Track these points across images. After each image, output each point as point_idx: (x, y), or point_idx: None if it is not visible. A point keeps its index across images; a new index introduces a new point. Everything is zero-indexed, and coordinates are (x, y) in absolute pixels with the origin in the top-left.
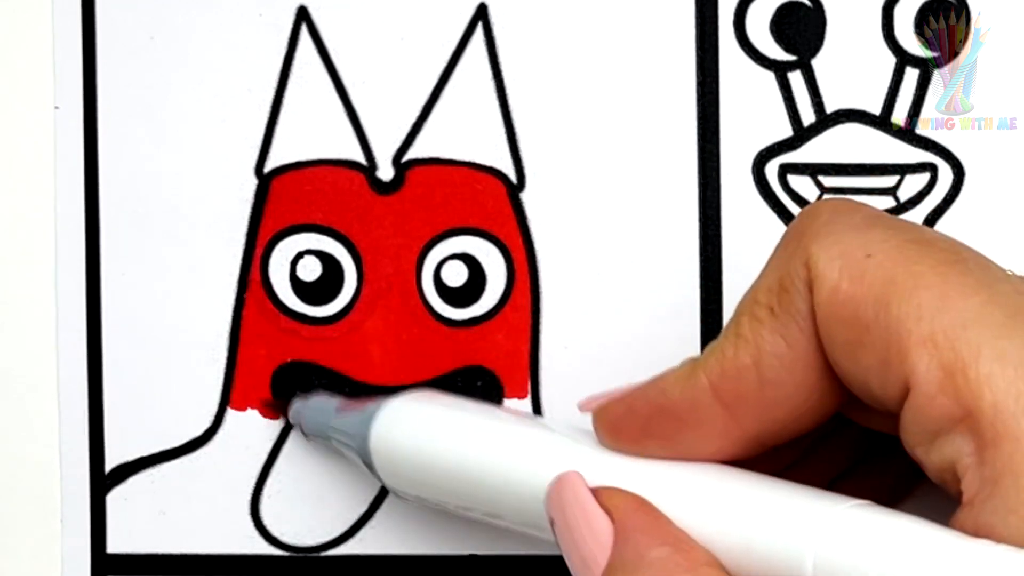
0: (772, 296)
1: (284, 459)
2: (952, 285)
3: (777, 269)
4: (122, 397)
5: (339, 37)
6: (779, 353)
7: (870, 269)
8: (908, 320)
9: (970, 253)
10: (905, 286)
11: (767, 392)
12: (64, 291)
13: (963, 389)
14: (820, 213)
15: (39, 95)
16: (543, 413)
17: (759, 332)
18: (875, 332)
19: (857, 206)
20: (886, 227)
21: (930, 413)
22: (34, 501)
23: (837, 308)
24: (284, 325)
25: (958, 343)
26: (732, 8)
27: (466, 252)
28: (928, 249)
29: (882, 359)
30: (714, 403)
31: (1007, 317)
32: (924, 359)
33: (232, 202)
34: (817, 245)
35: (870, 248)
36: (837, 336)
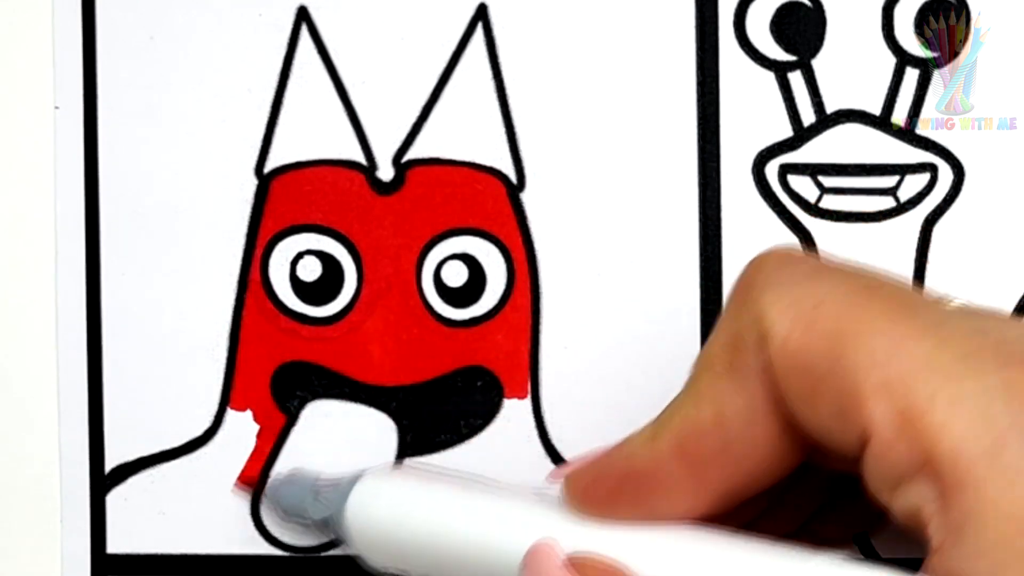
0: (727, 353)
1: (284, 459)
2: (903, 330)
3: (729, 324)
4: (122, 397)
5: (339, 37)
6: (739, 410)
7: (820, 319)
8: (861, 368)
9: (919, 295)
10: (856, 334)
11: (731, 449)
12: (64, 291)
13: (920, 436)
14: (767, 265)
15: (39, 95)
16: (543, 413)
17: (718, 390)
18: (830, 382)
19: (801, 256)
20: (834, 276)
21: (890, 460)
22: (34, 501)
23: (791, 360)
24: (284, 325)
25: (912, 389)
26: (732, 8)
27: (466, 252)
28: (877, 295)
29: (839, 408)
30: (679, 464)
31: (959, 359)
32: (880, 407)
33: (232, 202)
34: (766, 298)
35: (819, 298)
36: (793, 387)
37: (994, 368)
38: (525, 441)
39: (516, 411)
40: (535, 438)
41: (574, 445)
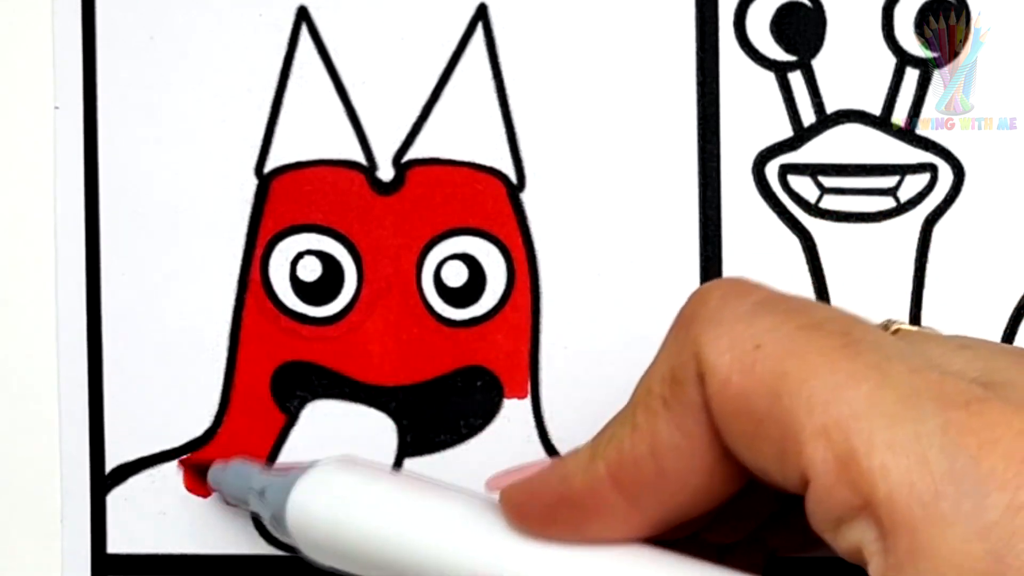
0: (665, 387)
1: (284, 459)
2: (842, 373)
3: (668, 359)
4: (122, 397)
5: (339, 37)
6: (675, 444)
7: (760, 361)
8: (800, 412)
9: (861, 331)
10: (795, 377)
11: (667, 480)
12: (64, 291)
13: (859, 480)
14: (709, 300)
15: (39, 95)
16: (543, 413)
17: (654, 423)
18: (769, 425)
19: (746, 290)
20: (775, 314)
21: (830, 503)
22: (34, 501)
23: (730, 401)
24: (284, 325)
25: (850, 434)
26: (732, 8)
27: (466, 252)
28: (817, 335)
29: (778, 451)
30: (614, 492)
31: (898, 402)
32: (819, 451)
33: (232, 202)
34: (706, 336)
35: (759, 339)
36: (732, 428)
37: (933, 411)
38: (525, 441)
39: (516, 411)
40: (535, 438)
41: (574, 445)
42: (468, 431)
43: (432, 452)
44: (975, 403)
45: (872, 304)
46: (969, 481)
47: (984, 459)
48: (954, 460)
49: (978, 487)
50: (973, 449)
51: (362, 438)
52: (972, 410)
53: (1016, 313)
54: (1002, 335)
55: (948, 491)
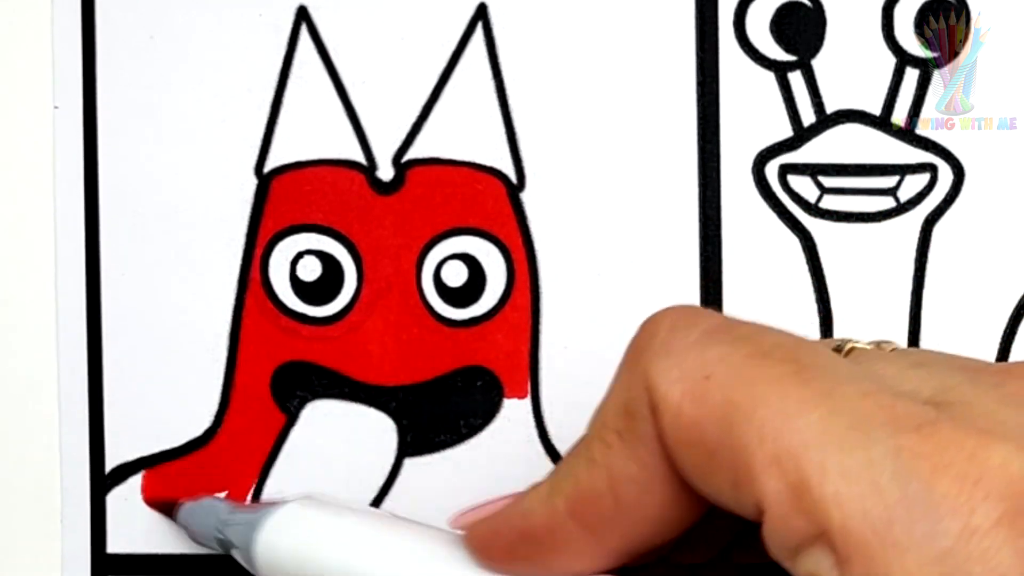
0: (619, 420)
1: (284, 459)
2: (792, 401)
3: (621, 392)
4: (122, 397)
5: (339, 37)
6: (632, 476)
7: (710, 391)
8: (752, 443)
9: (811, 356)
10: (745, 407)
11: (626, 513)
12: (64, 291)
13: (813, 509)
14: (658, 330)
15: (39, 95)
16: (543, 413)
17: (610, 457)
18: (722, 455)
19: (695, 318)
20: (724, 342)
21: (786, 532)
22: (34, 501)
23: (682, 432)
24: (284, 325)
25: (802, 462)
26: (732, 8)
27: (466, 252)
28: (767, 363)
29: (733, 481)
30: (574, 526)
31: (849, 428)
32: (772, 481)
33: (232, 202)
34: (655, 368)
35: (708, 368)
36: (687, 459)
37: (884, 436)
38: (525, 441)
39: (516, 411)
40: (535, 438)
41: None
42: (468, 431)
43: (432, 452)
44: (927, 426)
45: (872, 304)
46: (922, 506)
47: (937, 483)
48: (907, 486)
49: (932, 512)
50: (926, 474)
51: (362, 438)
52: (924, 433)
53: (1016, 313)
54: (1002, 335)
55: (902, 517)
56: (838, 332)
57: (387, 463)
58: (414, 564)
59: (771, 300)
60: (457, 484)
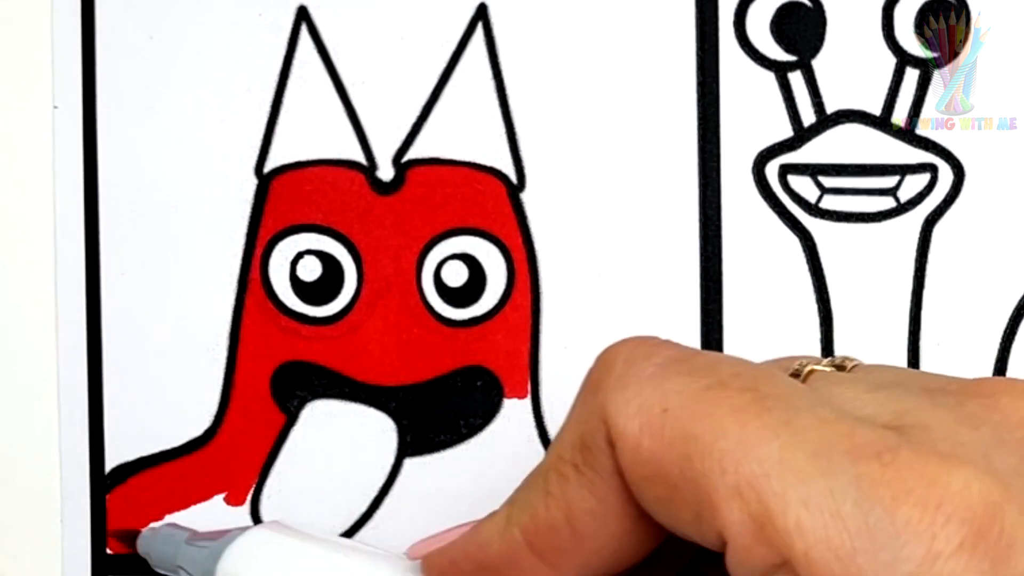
0: (576, 453)
1: (284, 459)
2: (751, 431)
3: (578, 425)
4: (122, 397)
5: (339, 37)
6: (590, 509)
7: (668, 424)
8: (712, 474)
9: (769, 386)
10: (704, 439)
11: (584, 544)
12: (64, 291)
13: (775, 539)
14: (615, 363)
15: (38, 95)
16: (543, 413)
17: (567, 490)
18: (683, 488)
19: (651, 350)
20: (681, 374)
21: (749, 562)
22: (34, 501)
23: (641, 467)
24: (284, 325)
25: (763, 493)
26: (732, 8)
27: (466, 252)
28: (724, 394)
29: (694, 513)
30: (532, 557)
31: (808, 457)
32: (734, 512)
33: (232, 202)
34: (613, 402)
35: (666, 402)
36: (646, 493)
37: (844, 465)
38: (525, 441)
39: (516, 411)
40: (535, 438)
41: None
42: (468, 431)
43: (432, 452)
44: (887, 453)
45: (872, 304)
46: (884, 534)
47: (898, 510)
48: (868, 514)
49: (894, 539)
50: (887, 501)
51: (362, 438)
52: (884, 461)
53: (1016, 313)
54: (1002, 335)
55: (864, 546)
56: (838, 332)
57: (387, 463)
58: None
59: (771, 300)
60: (457, 484)
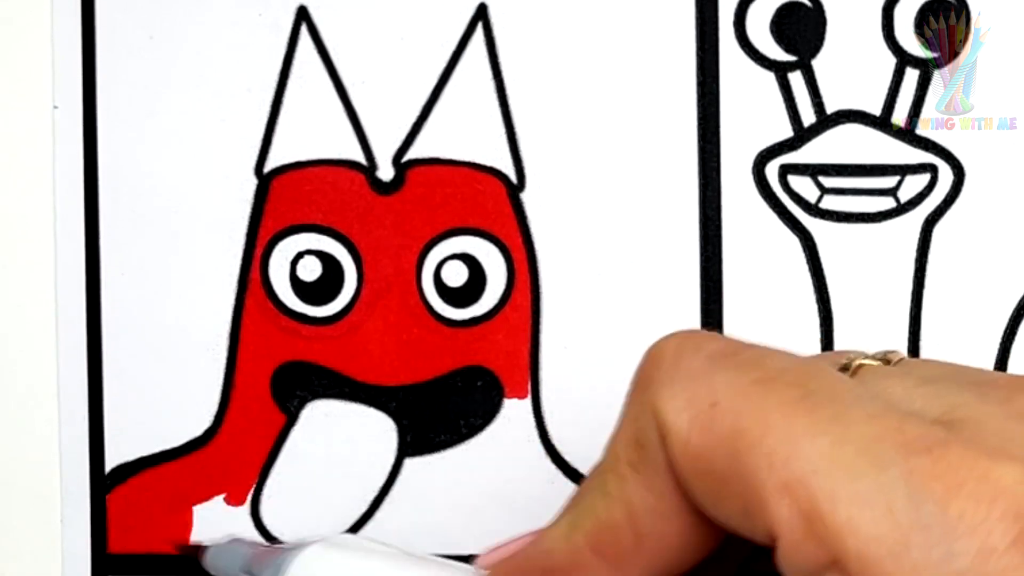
0: (631, 451)
1: (284, 459)
2: (800, 427)
3: (630, 423)
4: (122, 397)
5: (339, 37)
6: (649, 507)
7: (717, 419)
8: (761, 470)
9: (818, 381)
10: (753, 435)
11: (647, 543)
12: (64, 291)
13: (825, 537)
14: (663, 358)
15: (38, 94)
16: (543, 413)
17: (625, 489)
18: (732, 484)
19: (700, 342)
20: (730, 368)
21: (799, 560)
22: (34, 501)
23: (691, 462)
24: (284, 325)
25: (813, 490)
26: (732, 8)
27: (466, 252)
28: (773, 389)
29: (744, 509)
30: (596, 560)
31: (858, 452)
32: (783, 509)
33: (232, 202)
34: (662, 397)
35: (715, 395)
36: (697, 487)
37: (895, 458)
38: (525, 441)
39: (516, 411)
40: (535, 438)
41: (574, 445)
42: (468, 431)
43: (432, 452)
44: (937, 448)
45: (872, 305)
46: (938, 528)
47: (951, 505)
48: (920, 508)
49: (947, 534)
50: (939, 495)
51: (362, 438)
52: (935, 455)
53: (1016, 313)
54: (1002, 335)
55: (917, 540)
56: (838, 332)
57: (387, 463)
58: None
59: (771, 301)
60: (457, 484)
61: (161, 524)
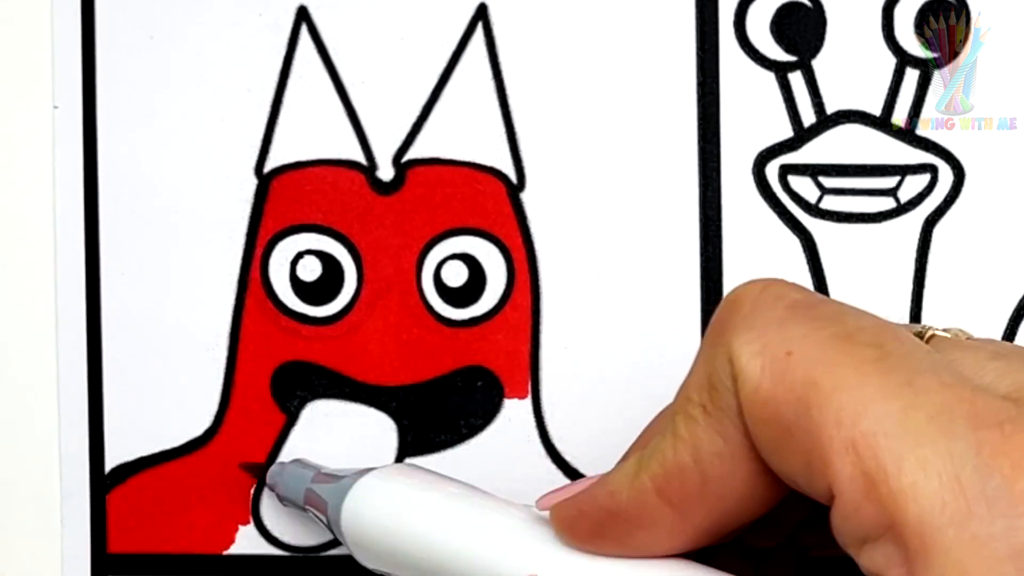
0: (703, 393)
1: (284, 459)
2: (873, 387)
3: (705, 365)
4: (122, 397)
5: (339, 37)
6: (717, 450)
7: (791, 368)
8: (828, 425)
9: (894, 343)
10: (825, 389)
11: (711, 488)
12: (64, 291)
13: (887, 500)
14: (743, 304)
15: (38, 95)
16: (543, 413)
17: (695, 431)
18: (797, 435)
19: (780, 292)
20: (808, 319)
21: (856, 520)
22: (34, 501)
23: (759, 408)
24: (284, 325)
25: (879, 451)
26: (732, 8)
27: (466, 252)
28: (850, 346)
29: (806, 462)
30: (661, 504)
31: (929, 419)
32: (847, 467)
33: (232, 202)
34: (738, 340)
35: (791, 345)
36: (761, 435)
37: (965, 429)
38: (525, 441)
39: (516, 411)
40: (535, 438)
41: (575, 445)
42: (468, 431)
43: (432, 452)
44: (1008, 423)
45: (872, 305)
46: (1003, 502)
47: (1018, 480)
48: (987, 481)
49: (1012, 508)
50: (1007, 470)
51: (362, 438)
52: (1005, 431)
53: (1016, 313)
54: (1002, 335)
55: (981, 512)
56: None
57: (387, 463)
58: (498, 537)
59: None
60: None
61: (161, 524)
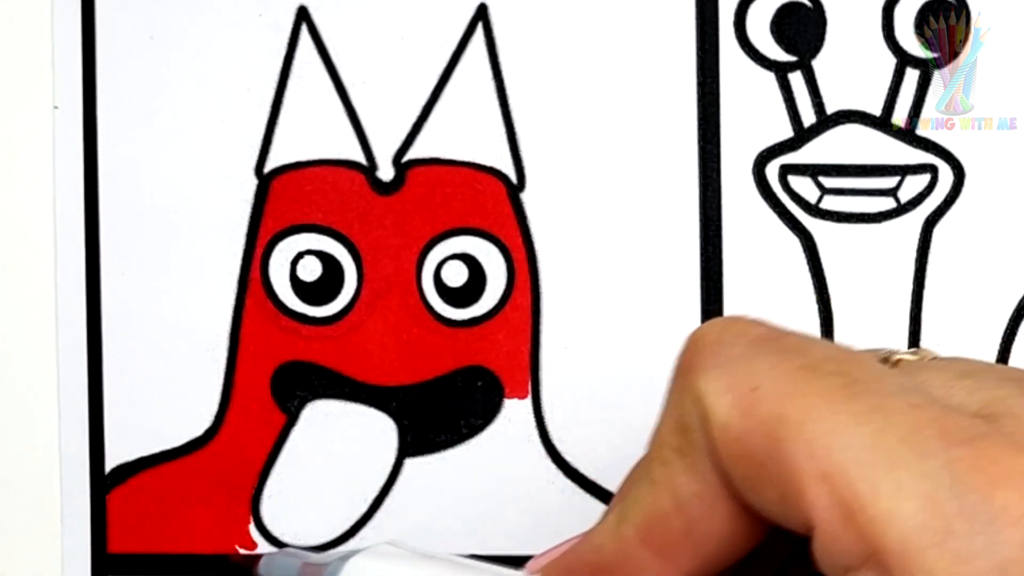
0: (675, 436)
1: (284, 459)
2: (842, 415)
3: (674, 408)
4: (122, 397)
5: (339, 37)
6: (695, 491)
7: (758, 403)
8: (800, 457)
9: (860, 370)
10: (794, 421)
11: (694, 531)
12: (64, 291)
13: (865, 527)
14: (706, 343)
15: (39, 95)
16: (543, 413)
17: (671, 475)
18: (770, 469)
19: (743, 328)
20: (772, 353)
21: (836, 550)
22: (34, 501)
23: (731, 445)
24: (284, 325)
25: (853, 479)
26: (732, 8)
27: (466, 252)
28: (816, 376)
29: (781, 496)
30: (645, 552)
31: (900, 441)
32: (822, 498)
33: (232, 202)
34: (704, 379)
35: (757, 380)
36: (736, 472)
37: (937, 448)
38: (525, 441)
39: (516, 411)
40: (535, 438)
41: (575, 445)
42: (468, 431)
43: (432, 452)
44: (979, 440)
45: (872, 305)
46: (981, 518)
47: (995, 495)
48: (964, 498)
49: (991, 524)
50: (983, 485)
51: (362, 438)
52: (977, 447)
53: (1016, 313)
54: (1002, 336)
55: (961, 529)
56: (839, 333)
57: (387, 463)
58: None
59: (772, 301)
60: (457, 484)
61: (161, 524)
